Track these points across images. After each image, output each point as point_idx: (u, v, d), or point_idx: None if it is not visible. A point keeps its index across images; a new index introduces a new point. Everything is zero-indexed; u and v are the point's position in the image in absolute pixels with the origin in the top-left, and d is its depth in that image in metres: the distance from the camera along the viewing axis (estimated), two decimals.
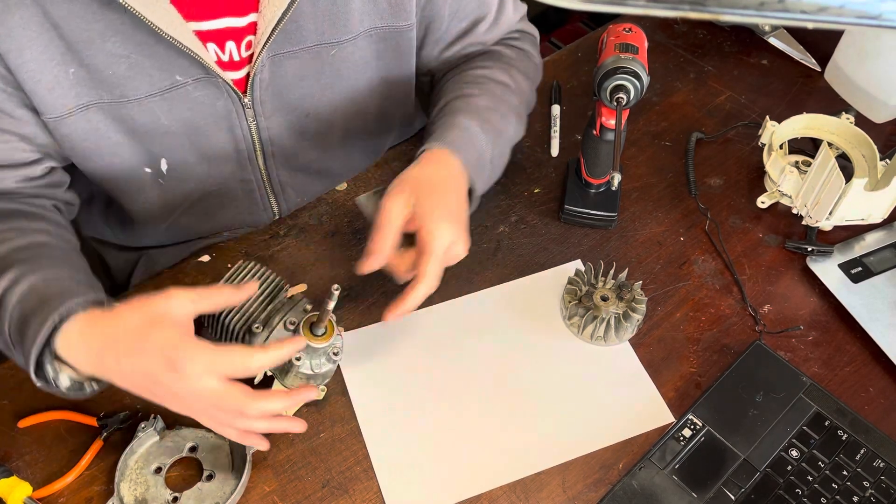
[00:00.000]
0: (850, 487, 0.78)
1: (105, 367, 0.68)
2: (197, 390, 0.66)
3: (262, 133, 0.89)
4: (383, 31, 0.88)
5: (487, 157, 0.88)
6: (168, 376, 0.66)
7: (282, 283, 0.83)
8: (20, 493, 0.74)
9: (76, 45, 0.75)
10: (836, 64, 1.13)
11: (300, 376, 0.79)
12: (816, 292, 0.93)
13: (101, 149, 0.84)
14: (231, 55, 0.82)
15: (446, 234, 0.78)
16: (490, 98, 0.91)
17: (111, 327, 0.68)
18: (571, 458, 0.80)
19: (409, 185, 0.79)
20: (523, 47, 1.01)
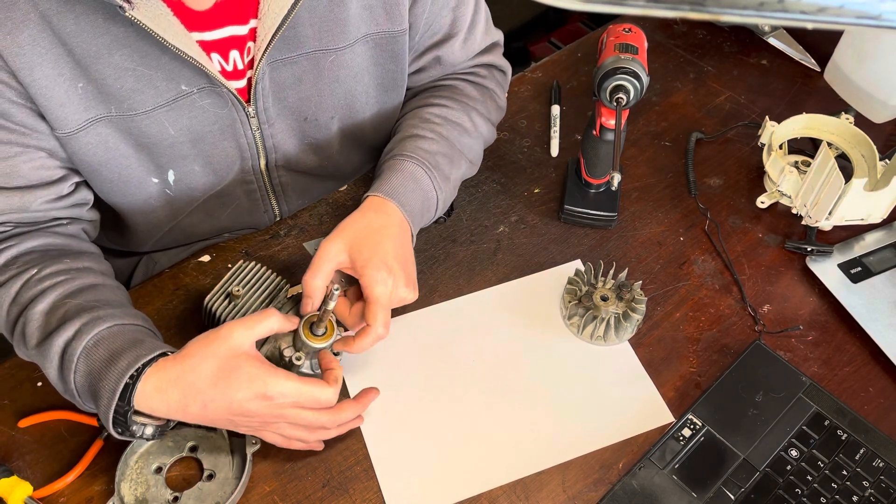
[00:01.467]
0: (849, 487, 0.78)
1: (190, 415, 0.71)
2: (286, 417, 0.72)
3: (265, 140, 0.90)
4: (379, 36, 0.88)
5: (433, 202, 0.90)
6: (264, 407, 0.70)
7: (282, 283, 0.83)
8: (21, 493, 0.74)
9: (84, 59, 0.75)
10: (835, 64, 1.13)
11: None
12: (816, 292, 0.93)
13: (111, 162, 0.84)
14: (235, 64, 0.82)
15: (387, 279, 0.79)
16: (441, 142, 0.92)
17: (189, 376, 0.70)
18: (571, 457, 0.80)
19: (346, 233, 0.81)
20: (488, 86, 1.00)
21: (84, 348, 0.72)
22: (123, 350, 0.72)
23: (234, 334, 0.71)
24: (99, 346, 0.72)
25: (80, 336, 0.73)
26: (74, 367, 0.72)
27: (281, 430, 0.74)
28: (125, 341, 0.73)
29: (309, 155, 0.95)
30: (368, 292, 0.79)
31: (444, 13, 0.93)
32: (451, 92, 0.98)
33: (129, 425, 0.71)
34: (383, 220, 0.84)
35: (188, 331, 0.87)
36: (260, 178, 0.95)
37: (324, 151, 0.96)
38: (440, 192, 0.90)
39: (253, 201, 0.97)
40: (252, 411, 0.70)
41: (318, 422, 0.74)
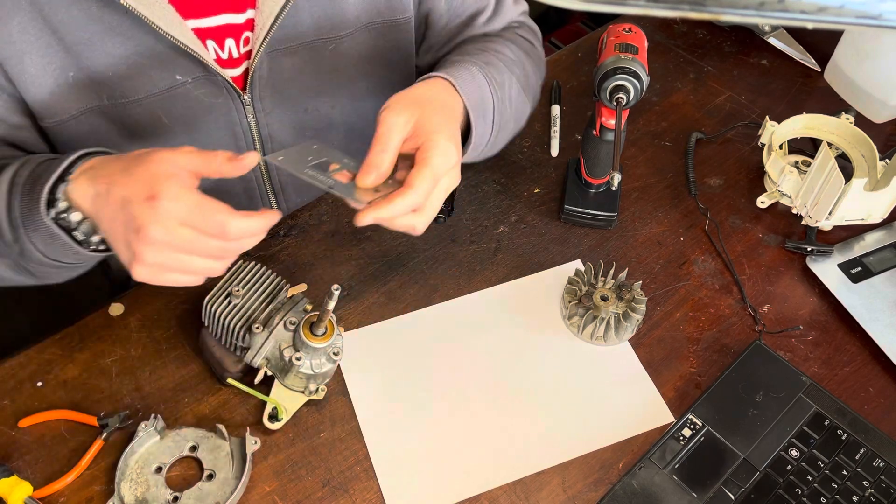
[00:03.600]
0: (849, 487, 0.78)
1: (96, 207, 0.66)
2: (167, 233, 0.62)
3: (261, 130, 0.89)
4: (381, 25, 0.87)
5: (489, 105, 0.82)
6: (142, 208, 0.62)
7: (282, 283, 0.83)
8: (20, 493, 0.74)
9: (75, 47, 0.75)
10: (835, 64, 1.13)
11: (300, 376, 0.79)
12: (816, 292, 0.93)
13: None
14: (230, 52, 0.82)
15: (451, 153, 0.70)
16: (492, 56, 0.87)
17: (113, 163, 0.67)
18: (571, 457, 0.80)
19: (411, 101, 0.72)
20: (526, 37, 0.98)
21: (32, 170, 0.70)
22: (68, 154, 0.70)
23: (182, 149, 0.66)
24: (44, 163, 0.70)
25: (28, 163, 0.71)
26: (21, 189, 0.70)
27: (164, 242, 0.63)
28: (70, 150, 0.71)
29: (303, 135, 0.95)
30: (426, 156, 0.68)
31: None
32: (486, 37, 0.94)
33: (57, 200, 0.67)
34: (450, 100, 0.76)
35: (188, 331, 0.87)
36: (259, 176, 0.95)
37: (318, 128, 0.96)
38: (496, 97, 0.83)
39: (252, 199, 0.97)
40: (133, 214, 0.62)
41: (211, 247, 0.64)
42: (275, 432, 0.80)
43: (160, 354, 0.85)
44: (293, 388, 0.80)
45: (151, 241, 0.62)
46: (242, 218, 0.64)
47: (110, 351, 0.86)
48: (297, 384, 0.80)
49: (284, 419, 0.80)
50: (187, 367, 0.85)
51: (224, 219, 0.63)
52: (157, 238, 0.62)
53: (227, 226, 0.63)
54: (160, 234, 0.62)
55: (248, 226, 0.64)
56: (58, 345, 0.86)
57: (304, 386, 0.80)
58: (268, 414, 0.80)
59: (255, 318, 0.80)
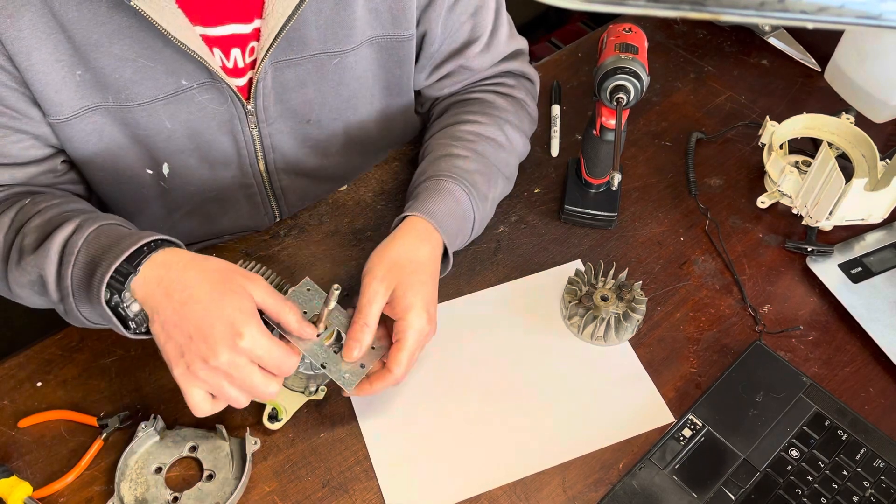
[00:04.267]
0: (850, 487, 0.78)
1: (166, 306, 0.68)
2: (235, 365, 0.67)
3: (263, 140, 0.89)
4: (384, 40, 0.88)
5: (470, 223, 0.88)
6: (223, 338, 0.66)
7: (282, 283, 0.83)
8: (20, 493, 0.74)
9: (84, 47, 0.75)
10: (836, 64, 1.13)
11: (300, 376, 0.79)
12: (816, 292, 0.93)
13: (105, 151, 0.84)
14: (236, 62, 0.82)
15: (424, 327, 0.77)
16: (479, 161, 0.89)
17: (197, 266, 0.69)
18: (571, 458, 0.80)
19: (389, 269, 0.78)
20: (517, 96, 0.98)
21: (86, 239, 0.72)
22: (131, 234, 0.72)
23: (258, 280, 0.71)
24: (101, 236, 0.72)
25: (81, 229, 0.73)
26: (74, 260, 0.71)
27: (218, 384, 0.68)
28: (130, 231, 0.73)
29: (309, 157, 0.95)
30: (401, 336, 0.77)
31: (462, 19, 0.92)
32: (481, 106, 0.95)
33: (122, 290, 0.69)
34: (427, 252, 0.81)
35: None
36: (261, 183, 0.95)
37: (325, 153, 0.96)
38: (478, 211, 0.88)
39: (253, 205, 0.97)
40: (214, 341, 0.66)
41: (264, 387, 0.69)
42: (275, 432, 0.80)
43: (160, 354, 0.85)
44: (293, 388, 0.80)
45: (215, 366, 0.67)
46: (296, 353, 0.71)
47: (110, 351, 0.86)
48: (297, 384, 0.80)
49: (284, 419, 0.80)
50: None
51: (291, 363, 0.70)
52: (222, 364, 0.67)
53: (284, 367, 0.70)
54: (225, 362, 0.67)
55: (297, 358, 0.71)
56: (58, 345, 0.86)
57: (303, 386, 0.80)
58: (268, 414, 0.80)
59: None
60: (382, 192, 1.00)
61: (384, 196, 1.00)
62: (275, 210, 1.00)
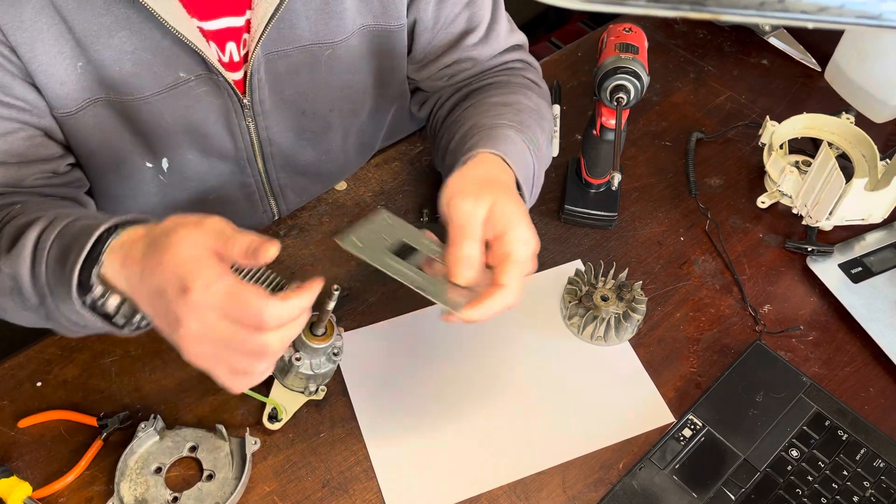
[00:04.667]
0: (850, 487, 0.78)
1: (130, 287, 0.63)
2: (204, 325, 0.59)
3: (260, 133, 0.89)
4: (375, 29, 0.88)
5: (531, 169, 0.83)
6: (177, 301, 0.59)
7: (282, 282, 0.83)
8: (20, 493, 0.74)
9: (84, 39, 0.76)
10: (836, 64, 1.13)
11: (300, 376, 0.79)
12: (816, 292, 0.93)
13: (106, 144, 0.84)
14: (231, 56, 0.82)
15: (530, 240, 0.70)
16: (521, 113, 0.86)
17: (138, 242, 0.62)
18: (571, 458, 0.80)
19: (479, 186, 0.71)
20: (532, 78, 0.95)
21: (58, 233, 0.66)
22: (101, 220, 0.64)
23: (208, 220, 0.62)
24: (73, 224, 0.66)
25: (53, 224, 0.67)
26: (46, 256, 0.65)
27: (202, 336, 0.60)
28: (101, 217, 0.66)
29: (307, 150, 0.95)
30: (510, 250, 0.68)
31: (456, 10, 0.91)
32: (499, 87, 0.92)
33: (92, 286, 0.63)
34: (507, 178, 0.76)
35: None
36: (259, 180, 0.95)
37: (322, 146, 0.96)
38: (535, 157, 0.83)
39: (252, 203, 0.97)
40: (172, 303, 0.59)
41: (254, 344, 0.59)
42: (274, 432, 0.80)
43: (160, 354, 0.85)
44: (293, 388, 0.80)
45: (190, 335, 0.59)
46: (279, 302, 0.59)
47: (110, 351, 0.86)
48: (297, 384, 0.80)
49: (284, 419, 0.80)
50: (187, 367, 0.83)
51: (260, 304, 0.58)
52: (195, 332, 0.59)
53: (267, 310, 0.59)
54: (197, 327, 0.59)
55: (285, 309, 0.60)
56: (58, 345, 0.86)
57: (303, 386, 0.80)
58: (267, 414, 0.80)
59: None
60: (382, 192, 1.00)
61: (384, 196, 1.00)
62: (273, 209, 1.00)
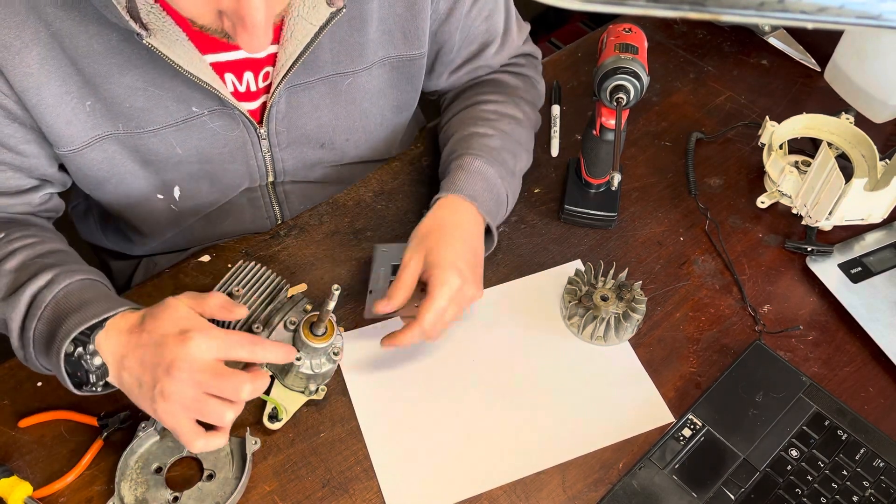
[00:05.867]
0: (849, 487, 0.78)
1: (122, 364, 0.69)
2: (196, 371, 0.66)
3: (276, 164, 0.90)
4: (396, 59, 0.88)
5: (504, 197, 0.90)
6: (174, 348, 0.66)
7: (282, 283, 0.84)
8: (21, 493, 0.74)
9: (94, 78, 0.75)
10: (835, 64, 1.13)
11: (300, 376, 0.79)
12: (816, 292, 0.93)
13: (115, 177, 0.84)
14: (248, 86, 0.82)
15: (452, 280, 0.79)
16: (502, 138, 0.92)
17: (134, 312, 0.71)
18: (571, 457, 0.80)
19: (422, 241, 0.82)
20: (528, 74, 1.02)
21: (54, 296, 0.72)
22: (96, 300, 0.72)
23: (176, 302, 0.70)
24: (70, 296, 0.73)
25: (51, 285, 0.73)
26: (40, 314, 0.72)
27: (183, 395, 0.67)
28: (97, 294, 0.73)
29: (317, 171, 0.96)
30: (431, 289, 0.79)
31: (476, 24, 0.93)
32: (495, 86, 0.99)
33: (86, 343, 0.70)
34: (457, 219, 0.85)
35: None
36: (266, 193, 0.95)
37: (333, 166, 0.97)
38: (509, 187, 0.91)
39: (256, 209, 0.97)
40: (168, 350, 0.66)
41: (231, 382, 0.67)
42: (275, 432, 0.80)
43: None
44: (293, 388, 0.80)
45: (179, 375, 0.66)
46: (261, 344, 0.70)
47: None
48: (297, 384, 0.80)
49: (284, 419, 0.80)
50: None
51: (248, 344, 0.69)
52: (185, 371, 0.66)
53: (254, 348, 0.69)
54: (187, 367, 0.66)
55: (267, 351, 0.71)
56: None
57: (304, 386, 0.80)
58: (268, 414, 0.80)
59: (256, 318, 0.80)
60: (382, 192, 1.00)
61: (384, 196, 1.00)
62: (276, 214, 1.00)
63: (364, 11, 0.82)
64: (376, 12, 0.83)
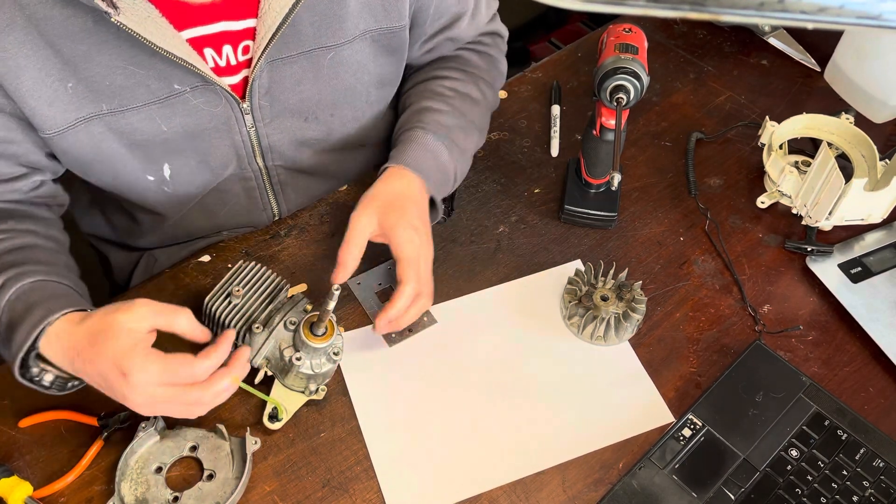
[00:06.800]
0: (849, 487, 0.78)
1: (75, 369, 0.72)
2: (147, 396, 0.70)
3: (262, 140, 0.90)
4: (378, 32, 0.88)
5: (451, 174, 0.92)
6: (119, 382, 0.69)
7: (282, 282, 0.84)
8: (21, 493, 0.74)
9: (73, 60, 0.75)
10: (835, 64, 1.13)
11: (300, 376, 0.79)
12: (816, 292, 0.93)
13: (103, 159, 0.84)
14: (228, 60, 0.82)
15: (413, 238, 0.82)
16: (455, 116, 0.94)
17: (78, 333, 0.71)
18: (571, 457, 0.80)
19: (373, 203, 0.85)
20: (491, 53, 1.04)
21: (7, 301, 0.75)
22: (40, 303, 0.74)
23: (135, 311, 0.70)
24: (19, 300, 0.75)
25: (2, 291, 0.75)
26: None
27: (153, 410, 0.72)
28: (42, 296, 0.75)
29: (307, 153, 0.95)
30: (398, 252, 0.82)
31: None
32: (457, 62, 1.01)
33: (31, 367, 0.74)
34: (405, 187, 0.87)
35: None
36: (259, 177, 0.95)
37: (322, 149, 0.96)
38: (458, 163, 0.93)
39: (251, 199, 0.97)
40: (117, 388, 0.70)
41: (190, 398, 0.71)
42: (275, 432, 0.80)
43: None
44: (293, 388, 0.80)
45: (137, 404, 0.70)
46: (203, 359, 0.71)
47: None
48: (297, 384, 0.80)
49: (284, 419, 0.80)
50: None
51: (189, 369, 0.70)
52: (142, 402, 0.70)
53: (195, 371, 0.71)
54: (142, 399, 0.70)
55: (211, 362, 0.71)
56: None
57: (304, 386, 0.80)
58: (268, 414, 0.80)
59: (256, 319, 0.80)
60: None
61: None
62: (273, 206, 0.99)
63: None
64: None
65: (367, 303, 0.90)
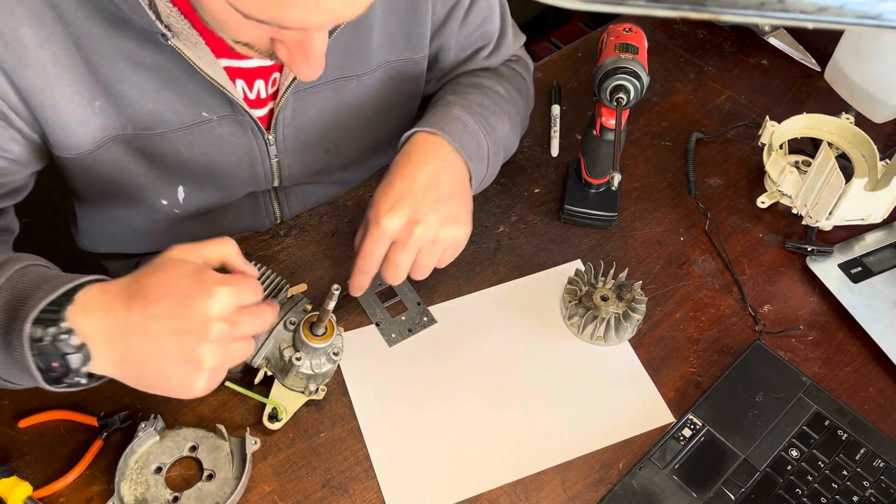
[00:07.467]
0: (849, 487, 0.78)
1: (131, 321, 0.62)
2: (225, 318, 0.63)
3: (282, 170, 0.90)
4: (399, 63, 0.89)
5: (484, 149, 0.87)
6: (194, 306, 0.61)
7: (282, 283, 0.83)
8: (20, 493, 0.74)
9: (107, 79, 0.75)
10: (836, 64, 1.13)
11: (300, 376, 0.79)
12: (816, 292, 0.93)
13: (121, 180, 0.84)
14: (258, 93, 0.82)
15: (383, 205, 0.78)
16: (485, 97, 0.91)
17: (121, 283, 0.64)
18: (571, 457, 0.80)
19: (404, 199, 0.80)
20: (518, 69, 1.01)
21: (10, 276, 0.65)
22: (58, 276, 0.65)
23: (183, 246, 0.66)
24: (27, 273, 0.66)
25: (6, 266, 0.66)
26: None
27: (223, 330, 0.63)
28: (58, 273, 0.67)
29: (322, 177, 0.96)
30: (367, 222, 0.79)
31: (471, 30, 0.94)
32: (484, 72, 0.98)
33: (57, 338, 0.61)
34: (422, 151, 0.82)
35: None
36: (268, 194, 0.96)
37: (336, 168, 0.97)
38: (489, 139, 0.87)
39: (256, 208, 0.98)
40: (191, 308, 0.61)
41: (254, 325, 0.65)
42: (275, 432, 0.80)
43: None
44: (293, 388, 0.80)
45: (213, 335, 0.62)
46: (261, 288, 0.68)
47: None
48: (297, 384, 0.80)
49: (284, 419, 0.80)
50: None
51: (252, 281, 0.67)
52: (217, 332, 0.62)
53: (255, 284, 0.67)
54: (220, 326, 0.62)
55: None
56: None
57: (304, 386, 0.80)
58: (268, 414, 0.80)
59: None
60: None
61: None
62: (276, 212, 1.00)
63: (368, 16, 0.82)
64: (380, 16, 0.83)
65: (367, 303, 0.90)
